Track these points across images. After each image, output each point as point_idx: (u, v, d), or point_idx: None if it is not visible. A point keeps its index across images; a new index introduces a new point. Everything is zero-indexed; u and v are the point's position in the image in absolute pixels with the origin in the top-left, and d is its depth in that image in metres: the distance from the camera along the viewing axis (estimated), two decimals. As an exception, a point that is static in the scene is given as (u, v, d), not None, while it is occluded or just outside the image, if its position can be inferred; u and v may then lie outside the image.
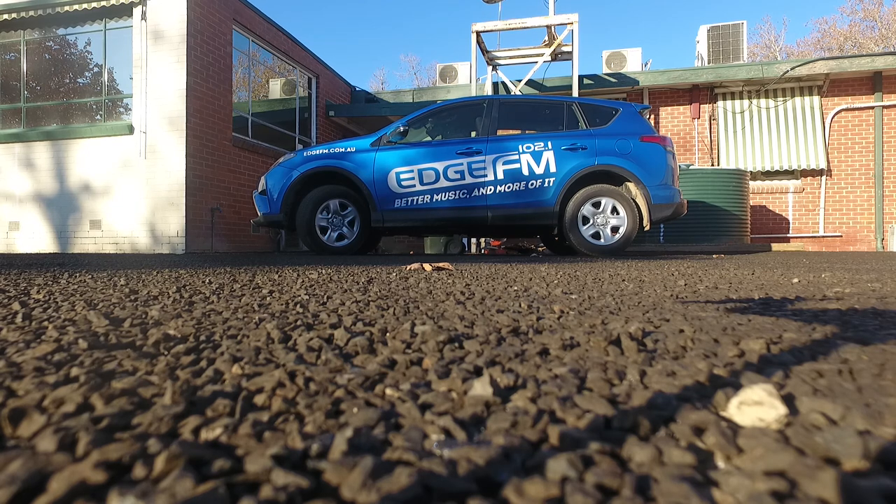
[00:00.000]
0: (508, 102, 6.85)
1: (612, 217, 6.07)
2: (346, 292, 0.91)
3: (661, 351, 0.52)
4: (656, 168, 6.16)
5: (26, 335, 0.55)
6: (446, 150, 6.20)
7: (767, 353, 0.52)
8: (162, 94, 7.82)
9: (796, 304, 0.77)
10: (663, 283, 1.13)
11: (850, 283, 1.18)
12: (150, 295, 0.84)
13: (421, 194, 6.13)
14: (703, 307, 0.73)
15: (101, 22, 8.25)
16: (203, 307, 0.71)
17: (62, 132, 8.27)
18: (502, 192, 6.09)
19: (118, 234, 7.99)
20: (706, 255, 5.03)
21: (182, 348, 0.50)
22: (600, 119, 6.38)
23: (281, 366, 0.46)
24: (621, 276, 1.34)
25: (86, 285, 1.02)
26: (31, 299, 0.80)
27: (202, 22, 8.00)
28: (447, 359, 0.48)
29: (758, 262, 2.76)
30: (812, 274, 1.46)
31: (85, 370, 0.43)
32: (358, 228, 6.25)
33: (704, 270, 1.70)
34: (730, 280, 1.24)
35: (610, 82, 11.37)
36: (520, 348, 0.52)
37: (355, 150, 6.24)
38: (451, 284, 1.03)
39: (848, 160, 11.04)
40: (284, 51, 10.07)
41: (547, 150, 6.10)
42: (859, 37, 26.46)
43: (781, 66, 10.81)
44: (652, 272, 1.60)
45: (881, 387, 0.45)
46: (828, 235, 11.04)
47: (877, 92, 10.77)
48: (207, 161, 8.10)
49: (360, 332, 0.53)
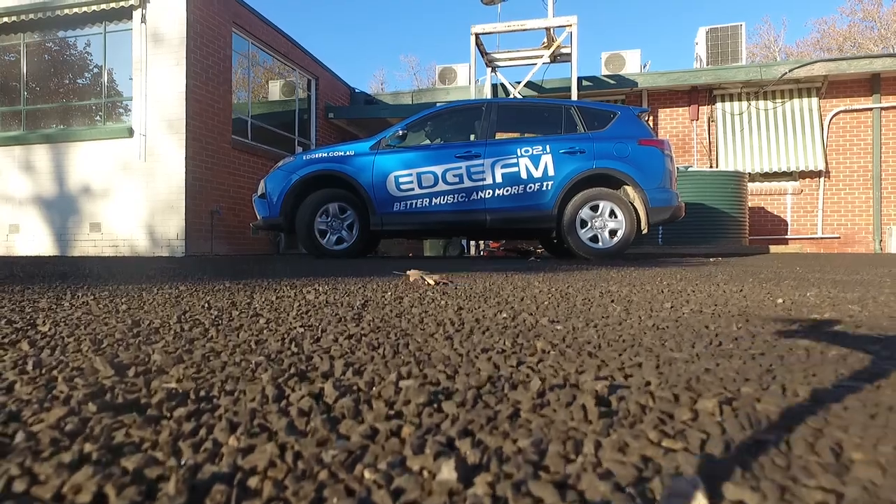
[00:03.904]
0: (507, 106, 6.88)
1: (611, 220, 6.10)
2: (341, 321, 0.93)
3: (622, 413, 0.54)
4: (654, 171, 6.18)
5: (38, 390, 0.57)
6: (445, 153, 6.22)
7: (718, 417, 0.54)
8: (161, 97, 7.84)
9: (768, 339, 0.79)
10: (650, 305, 1.16)
11: (832, 304, 1.21)
12: (151, 327, 0.87)
13: (420, 198, 6.15)
14: (680, 342, 0.76)
15: (100, 25, 8.27)
16: (203, 346, 0.74)
17: (62, 135, 8.30)
18: (501, 195, 6.12)
19: (118, 237, 8.02)
20: (703, 260, 5.05)
21: (183, 412, 0.53)
22: (598, 122, 6.40)
23: (273, 436, 0.49)
24: (611, 295, 1.37)
25: (89, 312, 1.05)
26: (38, 333, 0.82)
27: (202, 25, 8.02)
28: (425, 426, 0.51)
29: (751, 270, 2.78)
30: (798, 291, 1.49)
31: (97, 446, 0.46)
32: (357, 232, 6.28)
33: (695, 285, 1.72)
34: (716, 300, 1.27)
35: (609, 84, 11.40)
36: (493, 410, 0.54)
37: (354, 154, 6.27)
38: (444, 308, 1.06)
39: (846, 162, 11.07)
40: (284, 53, 10.09)
41: (545, 154, 6.12)
42: (858, 37, 26.47)
43: (780, 67, 10.83)
44: (642, 288, 1.63)
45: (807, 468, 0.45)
46: (826, 237, 11.08)
47: (875, 93, 10.80)
48: (207, 164, 8.12)
49: (349, 385, 0.55)
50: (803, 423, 0.53)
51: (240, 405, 0.53)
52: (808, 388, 0.61)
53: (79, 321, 0.93)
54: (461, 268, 3.51)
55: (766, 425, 0.52)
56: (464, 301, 1.23)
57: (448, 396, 0.55)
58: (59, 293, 1.45)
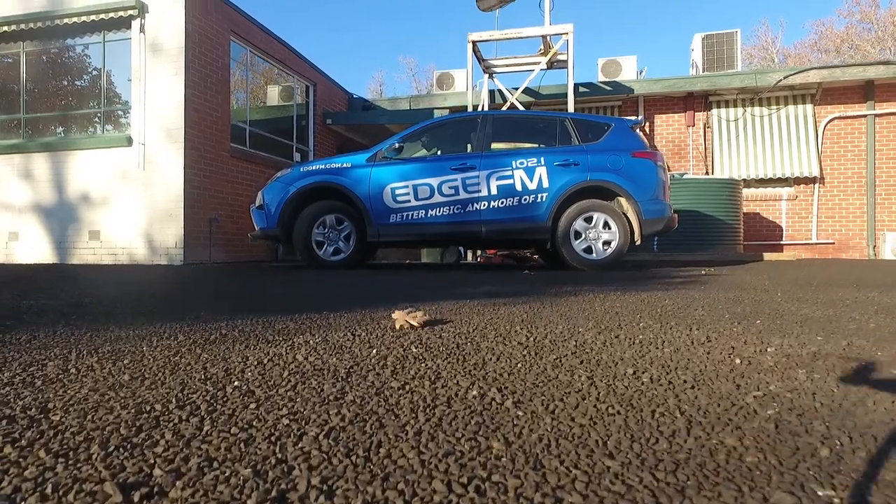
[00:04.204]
0: (502, 118, 6.96)
1: (604, 231, 6.18)
2: (324, 402, 1.01)
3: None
4: (647, 183, 6.27)
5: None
6: (441, 165, 6.30)
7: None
8: (160, 106, 7.91)
9: (700, 436, 0.86)
10: (614, 370, 1.24)
11: (785, 367, 1.29)
12: (152, 416, 0.94)
13: (416, 209, 6.23)
14: (619, 442, 0.83)
15: (100, 34, 8.33)
16: (199, 448, 0.81)
17: (61, 143, 8.37)
18: (496, 207, 6.20)
19: (117, 245, 8.09)
20: (694, 275, 5.14)
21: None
22: (592, 134, 6.47)
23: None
24: (584, 350, 1.44)
25: (95, 386, 1.13)
26: (51, 427, 0.89)
27: (200, 34, 8.09)
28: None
29: (734, 295, 2.87)
30: (763, 341, 1.57)
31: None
32: (354, 243, 6.36)
33: (669, 328, 1.80)
34: (679, 359, 1.35)
35: (605, 90, 11.47)
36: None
37: (351, 166, 6.34)
38: (421, 379, 1.14)
39: (840, 168, 11.16)
40: (281, 60, 10.16)
41: (540, 166, 6.20)
42: (856, 39, 26.53)
43: (775, 74, 10.90)
44: (618, 334, 1.71)
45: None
46: (821, 242, 11.16)
47: (869, 100, 10.87)
48: (205, 172, 8.19)
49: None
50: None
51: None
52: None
53: (86, 403, 1.00)
54: (452, 289, 3.59)
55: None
56: (442, 362, 1.30)
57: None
58: (64, 346, 1.53)
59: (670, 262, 8.32)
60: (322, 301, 2.71)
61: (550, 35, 10.06)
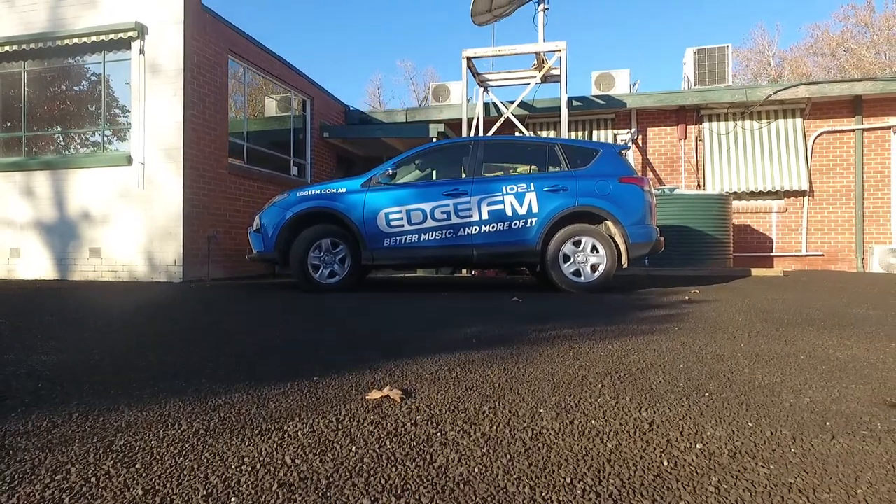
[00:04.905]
0: (493, 143, 7.13)
1: (592, 255, 6.36)
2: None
3: None
4: (634, 208, 6.45)
5: None
6: (433, 191, 6.47)
7: None
8: (159, 126, 8.06)
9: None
10: (557, 475, 1.40)
11: (708, 468, 1.46)
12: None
13: (409, 234, 6.41)
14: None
15: (100, 54, 8.48)
16: None
17: (61, 161, 8.53)
18: (487, 231, 6.37)
19: (117, 262, 8.25)
20: (676, 304, 5.32)
21: None
22: (581, 160, 6.65)
23: None
24: (538, 447, 1.61)
25: (113, 499, 1.30)
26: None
27: (198, 55, 8.24)
28: None
29: (698, 349, 3.04)
30: (696, 432, 1.74)
31: None
32: (349, 266, 6.53)
33: (623, 405, 1.98)
34: (615, 459, 1.52)
35: (598, 104, 11.64)
36: None
37: (346, 191, 6.52)
38: (390, 495, 1.31)
39: (829, 181, 11.35)
40: (279, 76, 10.31)
41: (530, 192, 6.38)
42: (851, 42, 26.68)
43: (764, 90, 11.08)
44: (577, 413, 1.89)
45: None
46: (810, 254, 11.36)
47: (857, 115, 11.06)
48: (204, 190, 8.35)
49: None
50: None
51: None
52: None
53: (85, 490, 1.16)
54: (435, 334, 3.77)
55: None
56: (410, 465, 1.48)
57: None
58: (82, 440, 1.70)
59: (660, 278, 8.50)
60: (311, 353, 2.90)
61: (544, 52, 10.22)
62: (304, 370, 2.47)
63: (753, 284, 7.40)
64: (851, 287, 7.07)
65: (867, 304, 5.09)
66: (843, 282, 7.94)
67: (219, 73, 8.69)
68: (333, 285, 6.49)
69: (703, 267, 9.46)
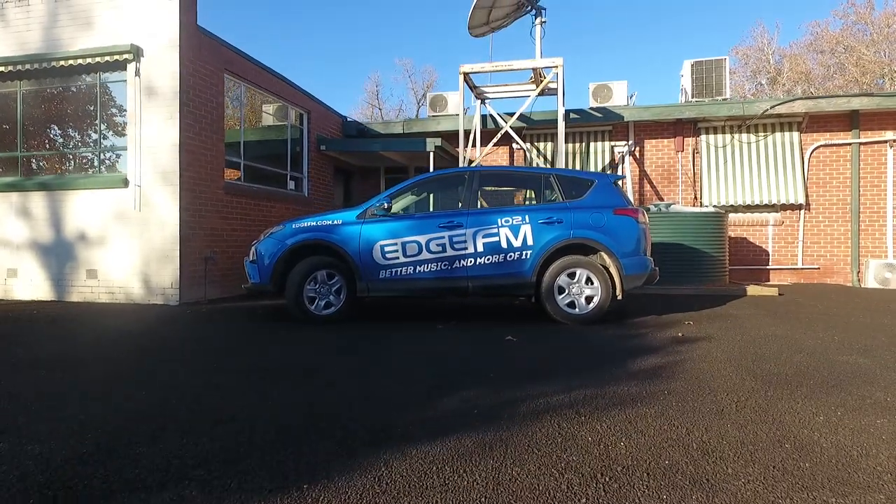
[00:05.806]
0: (489, 174, 7.14)
1: (587, 287, 6.39)
2: None
3: None
4: (628, 240, 6.48)
5: None
6: (428, 223, 6.48)
7: None
8: (155, 149, 8.05)
9: None
10: None
11: None
12: None
13: (404, 266, 6.43)
14: None
15: (96, 76, 8.45)
16: None
17: (58, 183, 8.52)
18: (482, 263, 6.40)
19: (113, 284, 8.28)
20: (669, 341, 5.37)
21: None
22: (576, 191, 6.66)
23: None
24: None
25: None
26: None
27: (194, 77, 8.21)
28: None
29: (667, 430, 3.09)
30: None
31: None
32: (344, 297, 6.56)
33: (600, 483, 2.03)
34: None
35: (596, 117, 11.62)
36: None
37: (342, 223, 6.53)
38: None
39: (826, 194, 11.37)
40: (276, 92, 10.27)
41: (525, 224, 6.40)
42: (851, 40, 26.53)
43: (761, 104, 11.06)
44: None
45: None
46: (806, 267, 11.40)
47: (854, 129, 11.05)
48: (200, 212, 8.36)
49: None
50: None
51: None
52: None
53: None
54: (417, 407, 3.81)
55: None
56: None
57: None
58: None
59: (657, 298, 8.52)
60: (289, 445, 2.95)
61: (541, 68, 10.19)
62: (280, 480, 2.51)
63: (748, 309, 7.43)
64: (844, 313, 7.10)
65: (859, 345, 5.13)
66: (838, 304, 7.98)
67: (215, 93, 8.66)
68: (329, 316, 6.52)
69: (700, 285, 9.50)
